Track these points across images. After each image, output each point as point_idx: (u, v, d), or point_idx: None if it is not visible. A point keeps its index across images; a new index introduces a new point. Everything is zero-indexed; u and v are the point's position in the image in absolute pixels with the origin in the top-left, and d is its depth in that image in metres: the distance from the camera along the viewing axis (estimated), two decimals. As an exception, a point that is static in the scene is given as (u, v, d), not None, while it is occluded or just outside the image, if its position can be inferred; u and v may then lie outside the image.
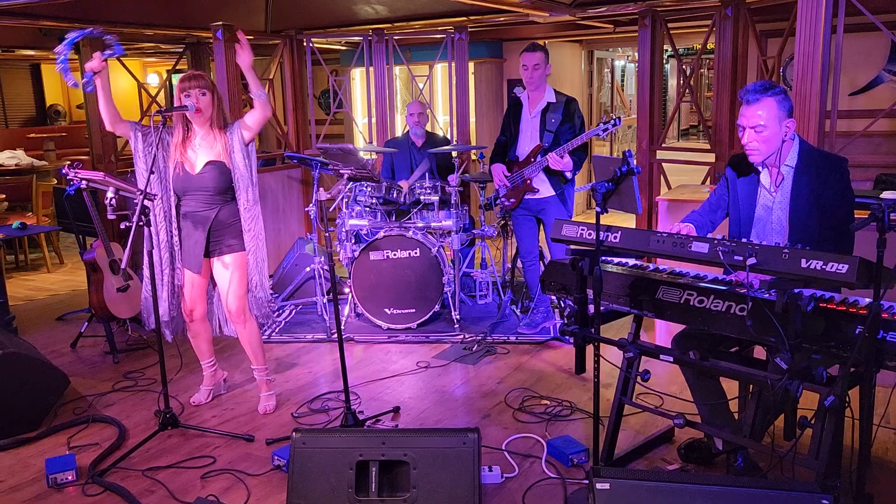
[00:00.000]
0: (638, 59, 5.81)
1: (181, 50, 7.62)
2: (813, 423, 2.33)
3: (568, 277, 2.89)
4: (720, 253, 2.37)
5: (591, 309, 2.77)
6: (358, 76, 8.72)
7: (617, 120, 4.18)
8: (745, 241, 2.38)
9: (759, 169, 2.79)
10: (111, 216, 3.17)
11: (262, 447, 3.35)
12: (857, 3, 3.71)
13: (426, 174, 5.06)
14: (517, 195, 4.57)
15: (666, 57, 10.91)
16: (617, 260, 2.95)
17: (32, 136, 10.21)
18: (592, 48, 9.20)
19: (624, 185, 2.78)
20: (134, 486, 3.03)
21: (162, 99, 9.96)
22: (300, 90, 6.76)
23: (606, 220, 2.66)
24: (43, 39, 7.20)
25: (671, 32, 5.74)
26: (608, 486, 2.20)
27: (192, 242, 3.55)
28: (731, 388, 2.98)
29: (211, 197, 3.49)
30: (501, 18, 6.24)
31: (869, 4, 3.73)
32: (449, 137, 6.37)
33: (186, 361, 4.30)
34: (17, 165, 8.55)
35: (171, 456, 3.30)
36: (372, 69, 6.57)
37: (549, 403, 3.75)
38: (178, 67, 7.86)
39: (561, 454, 3.13)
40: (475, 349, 4.54)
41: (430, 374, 4.22)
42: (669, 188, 5.67)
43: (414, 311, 4.87)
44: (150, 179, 3.32)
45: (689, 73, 6.00)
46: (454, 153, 5.49)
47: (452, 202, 4.88)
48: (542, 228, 4.71)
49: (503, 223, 5.26)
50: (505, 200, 4.64)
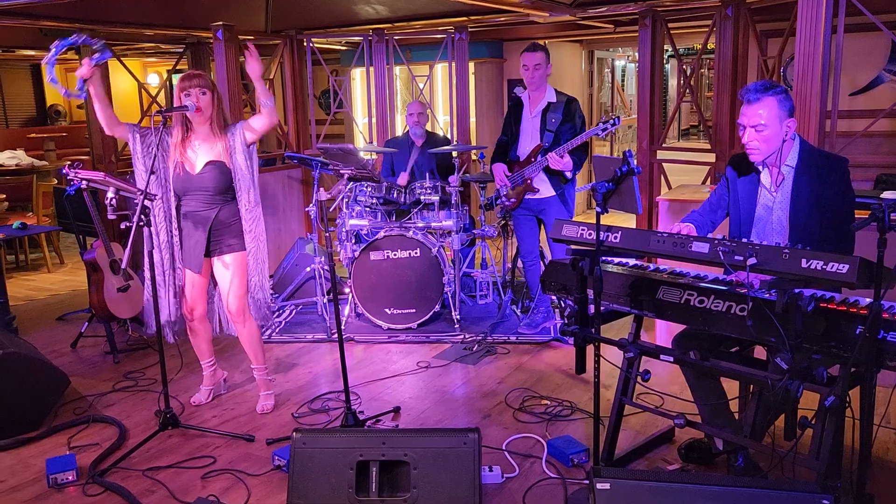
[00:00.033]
0: (638, 59, 5.81)
1: (181, 50, 7.62)
2: (813, 423, 2.33)
3: (568, 277, 2.89)
4: (720, 253, 2.37)
5: (591, 309, 2.77)
6: (358, 76, 8.73)
7: (616, 119, 4.18)
8: (745, 241, 2.38)
9: (759, 169, 2.79)
10: (111, 216, 3.17)
11: (262, 447, 3.36)
12: (857, 3, 3.71)
13: (427, 174, 5.06)
14: (518, 195, 4.57)
15: (666, 57, 10.89)
16: (617, 260, 2.95)
17: (33, 136, 10.21)
18: (593, 48, 9.20)
19: (624, 185, 2.78)
20: (134, 486, 3.03)
21: (162, 99, 9.95)
22: (300, 90, 6.76)
23: (607, 220, 2.66)
24: (43, 39, 7.20)
25: (671, 32, 5.74)
26: (608, 486, 2.20)
27: (192, 242, 3.55)
28: (731, 388, 2.98)
29: (211, 197, 3.50)
30: (502, 18, 6.24)
31: (869, 4, 3.73)
32: (449, 137, 6.36)
33: (187, 361, 4.30)
34: (17, 165, 8.55)
35: (171, 456, 3.30)
36: (372, 69, 6.56)
37: (549, 403, 3.75)
38: (178, 67, 7.86)
39: (561, 454, 3.13)
40: (475, 349, 4.54)
41: (430, 374, 4.22)
42: (670, 188, 5.67)
43: (414, 311, 4.87)
44: (150, 180, 3.33)
45: (689, 73, 6.00)
46: (454, 153, 5.49)
47: (453, 202, 4.88)
48: (542, 228, 4.71)
49: (503, 223, 5.25)
50: (506, 200, 4.64)
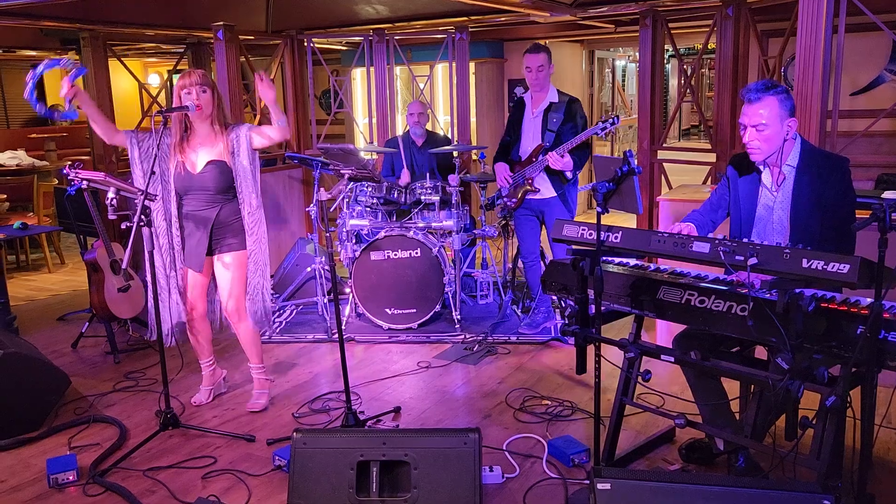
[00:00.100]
0: (639, 58, 5.81)
1: (182, 50, 7.63)
2: (814, 423, 2.33)
3: (569, 277, 2.89)
4: (721, 253, 2.36)
5: (592, 309, 2.77)
6: (359, 76, 8.73)
7: (616, 119, 4.18)
8: (746, 241, 2.38)
9: (760, 168, 2.79)
10: (112, 216, 3.17)
11: (262, 447, 3.35)
12: (858, 2, 3.70)
13: (427, 174, 5.06)
14: (519, 195, 4.56)
15: (667, 57, 10.90)
16: (618, 260, 2.95)
17: (33, 136, 10.21)
18: (593, 48, 9.20)
19: (625, 184, 2.78)
20: (135, 486, 3.03)
21: (163, 99, 9.95)
22: (301, 90, 6.76)
23: (607, 220, 2.66)
24: (44, 40, 7.22)
25: (672, 32, 5.73)
26: (609, 486, 2.20)
27: (194, 242, 3.55)
28: (732, 388, 2.97)
29: (212, 196, 3.50)
30: (502, 18, 6.24)
31: (870, 4, 3.72)
32: (450, 137, 6.36)
33: (187, 361, 4.30)
34: (18, 166, 8.55)
35: (171, 456, 3.30)
36: (373, 69, 6.56)
37: (549, 403, 3.75)
38: (178, 67, 7.87)
39: (562, 454, 3.13)
40: (476, 349, 4.54)
41: (430, 374, 4.22)
42: (670, 188, 5.67)
43: (415, 311, 4.87)
44: (150, 180, 3.32)
45: (690, 72, 6.00)
46: (455, 153, 5.49)
47: (453, 202, 4.88)
48: (543, 229, 4.70)
49: (504, 223, 5.25)
50: (507, 200, 4.64)
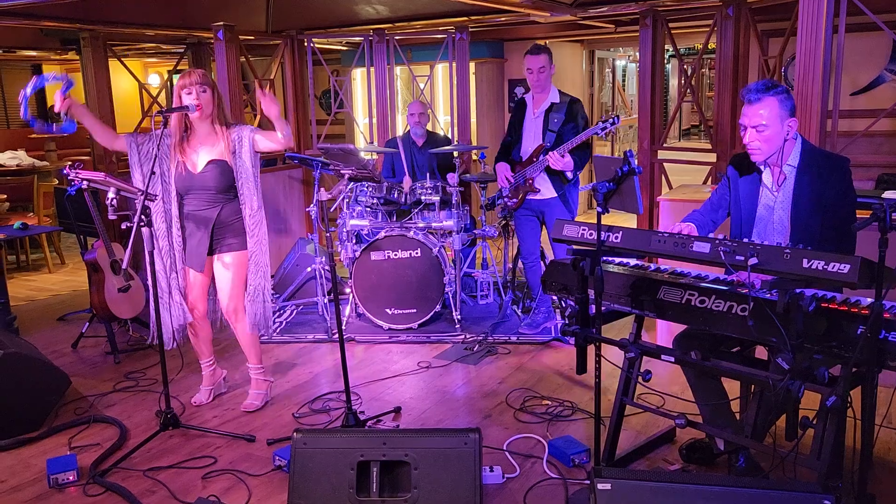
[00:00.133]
0: (639, 58, 5.80)
1: (182, 50, 7.63)
2: (815, 423, 2.32)
3: (569, 277, 2.89)
4: (721, 253, 2.36)
5: (592, 309, 2.77)
6: (359, 76, 8.73)
7: (616, 119, 4.18)
8: (746, 241, 2.38)
9: (761, 168, 2.79)
10: (112, 216, 3.17)
11: (263, 447, 3.35)
12: (858, 2, 3.70)
13: (427, 174, 5.06)
14: (519, 195, 4.56)
15: (667, 57, 10.89)
16: (618, 260, 2.95)
17: (34, 136, 10.20)
18: (593, 48, 9.20)
19: (625, 184, 2.78)
20: (135, 486, 3.03)
21: (163, 99, 9.95)
22: (301, 90, 6.76)
23: (607, 220, 2.66)
24: (44, 40, 7.22)
25: (672, 32, 5.73)
26: (609, 486, 2.20)
27: (195, 242, 3.55)
28: (732, 388, 2.97)
29: (213, 196, 3.50)
30: (502, 18, 6.23)
31: (870, 4, 3.72)
32: (450, 137, 6.36)
33: (187, 362, 4.29)
34: (18, 166, 8.55)
35: (172, 456, 3.30)
36: (373, 69, 6.56)
37: (550, 404, 3.75)
38: (179, 68, 7.87)
39: (562, 454, 3.13)
40: (476, 349, 4.54)
41: (431, 374, 4.22)
42: (671, 188, 5.66)
43: (415, 311, 4.87)
44: (150, 180, 3.32)
45: (690, 72, 5.99)
46: (455, 153, 5.49)
47: (453, 202, 4.88)
48: (544, 229, 4.70)
49: (504, 223, 5.25)
50: (507, 200, 4.64)
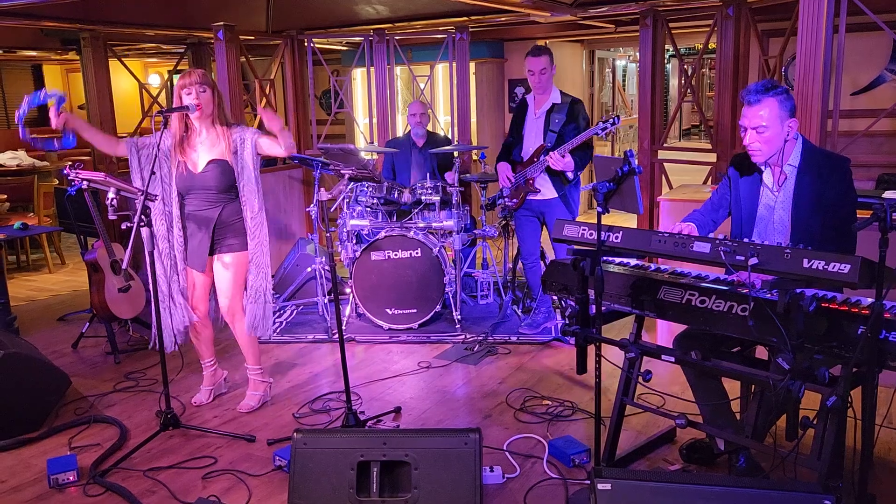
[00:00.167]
0: (639, 58, 5.80)
1: (182, 50, 7.63)
2: (815, 423, 2.32)
3: (569, 277, 2.89)
4: (722, 253, 2.36)
5: (592, 309, 2.76)
6: (359, 76, 8.73)
7: (616, 119, 4.17)
8: (746, 241, 2.37)
9: (761, 168, 2.79)
10: (112, 217, 3.17)
11: (263, 447, 3.35)
12: (858, 2, 3.70)
13: (427, 174, 5.06)
14: (520, 195, 4.56)
15: (667, 57, 10.89)
16: (618, 260, 2.94)
17: (34, 136, 10.20)
18: (594, 48, 9.20)
19: (625, 184, 2.77)
20: (135, 486, 3.03)
21: (163, 99, 9.95)
22: (301, 90, 6.76)
23: (608, 220, 2.66)
24: (44, 40, 7.22)
25: (672, 32, 5.73)
26: (610, 486, 2.20)
27: (196, 242, 3.55)
28: (732, 388, 2.97)
29: (214, 196, 3.50)
30: (502, 18, 6.23)
31: (871, 4, 3.72)
32: (450, 137, 6.36)
33: (187, 362, 4.30)
34: (18, 166, 8.55)
35: (172, 456, 3.30)
36: (373, 69, 6.56)
37: (550, 404, 3.75)
38: (179, 68, 7.87)
39: (562, 454, 3.13)
40: (476, 349, 4.54)
41: (431, 374, 4.22)
42: (671, 188, 5.66)
43: (415, 311, 4.87)
44: (150, 180, 3.32)
45: (690, 72, 5.99)
46: (455, 153, 5.49)
47: (454, 202, 4.88)
48: (545, 229, 4.70)
49: (504, 223, 5.25)
50: (508, 200, 4.64)
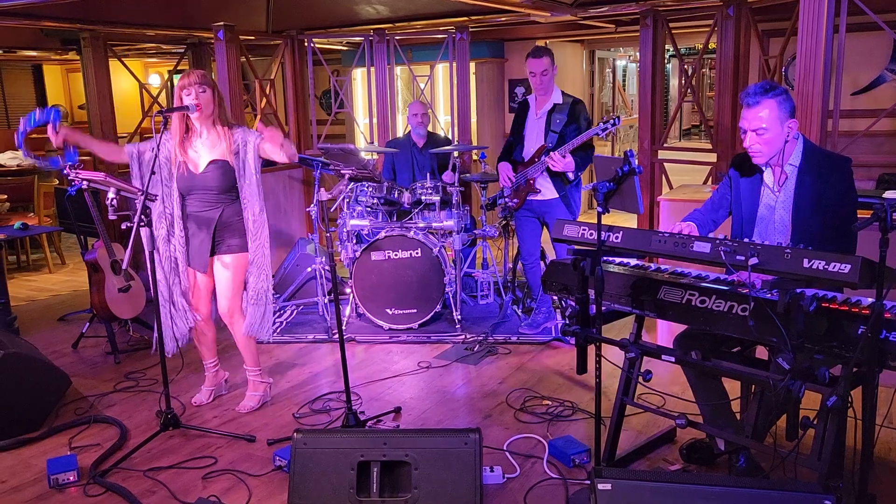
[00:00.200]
0: (639, 58, 5.80)
1: (182, 50, 7.63)
2: (815, 423, 2.32)
3: (569, 277, 2.89)
4: (722, 253, 2.36)
5: (592, 309, 2.76)
6: (359, 76, 8.73)
7: (616, 119, 4.17)
8: (747, 240, 2.37)
9: (762, 168, 2.78)
10: (112, 217, 3.17)
11: (263, 447, 3.35)
12: (859, 2, 3.70)
13: (428, 175, 5.06)
14: (520, 195, 4.56)
15: (667, 57, 10.89)
16: (618, 260, 2.94)
17: (34, 136, 10.18)
18: (594, 48, 9.20)
19: (625, 184, 2.77)
20: (135, 486, 3.03)
21: (163, 99, 9.95)
22: (301, 90, 6.76)
23: (608, 219, 2.66)
24: (44, 40, 7.21)
25: (673, 32, 5.73)
26: (610, 486, 2.20)
27: (197, 243, 3.55)
28: (732, 388, 2.97)
29: (215, 196, 3.49)
30: (503, 18, 6.23)
31: (871, 4, 3.72)
32: (450, 138, 6.36)
33: (188, 362, 4.30)
34: (18, 166, 8.55)
35: (172, 456, 3.30)
36: (373, 69, 6.56)
37: (550, 404, 3.74)
38: (179, 68, 7.87)
39: (562, 454, 3.13)
40: (476, 349, 4.53)
41: (431, 374, 4.22)
42: (671, 188, 5.66)
43: (415, 311, 4.87)
44: (150, 180, 3.32)
45: (690, 72, 5.99)
46: (455, 153, 5.48)
47: (454, 202, 4.88)
48: (545, 230, 4.69)
49: (504, 223, 5.25)
50: (508, 200, 4.64)
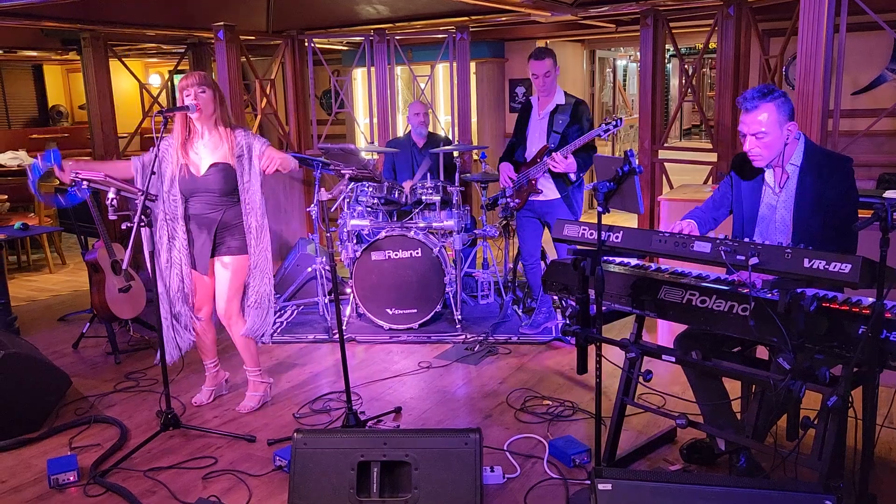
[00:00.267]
0: (640, 58, 5.80)
1: (183, 50, 7.63)
2: (816, 423, 2.32)
3: (570, 277, 2.89)
4: (722, 253, 2.35)
5: (592, 309, 2.76)
6: (359, 76, 8.73)
7: (619, 121, 4.17)
8: (747, 240, 2.37)
9: (763, 168, 2.78)
10: (112, 217, 3.17)
11: (263, 448, 3.35)
12: (859, 1, 3.70)
13: (428, 174, 5.06)
14: (522, 196, 4.56)
15: (668, 56, 10.90)
16: (619, 260, 2.94)
17: (35, 136, 10.20)
18: (594, 48, 9.19)
19: (626, 184, 2.77)
20: (135, 486, 3.03)
21: (163, 99, 9.96)
22: (302, 90, 6.76)
23: (608, 219, 2.65)
24: (45, 40, 7.22)
25: (673, 32, 5.73)
26: (610, 486, 2.20)
27: (199, 244, 3.55)
28: (733, 388, 2.97)
29: (217, 199, 3.49)
30: (503, 18, 6.23)
31: (872, 3, 3.71)
32: (450, 138, 6.36)
33: (188, 362, 4.29)
34: (19, 166, 8.54)
35: (172, 456, 3.30)
36: (373, 69, 6.56)
37: (550, 404, 3.74)
38: (179, 68, 7.87)
39: (563, 454, 3.13)
40: (477, 349, 4.53)
41: (431, 374, 4.22)
42: (671, 188, 5.66)
43: (415, 311, 4.87)
44: (150, 180, 3.32)
45: (691, 72, 5.99)
46: (455, 153, 5.49)
47: (454, 202, 4.88)
48: (546, 230, 4.69)
49: (505, 223, 5.25)
50: (510, 200, 4.63)
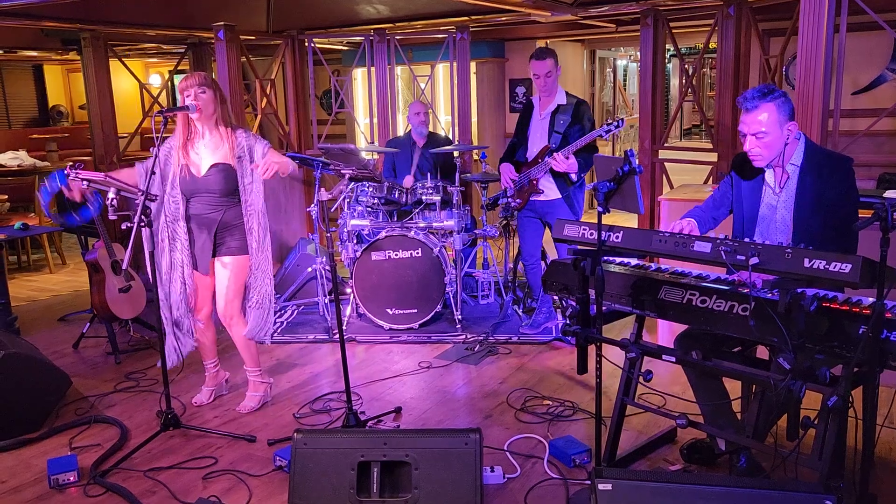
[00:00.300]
0: (640, 58, 5.80)
1: (183, 50, 7.63)
2: (816, 423, 2.32)
3: (570, 277, 2.89)
4: (723, 253, 2.35)
5: (593, 309, 2.76)
6: (360, 76, 8.73)
7: (620, 122, 4.17)
8: (747, 240, 2.37)
9: (764, 168, 2.78)
10: (112, 217, 3.17)
11: (263, 448, 3.35)
12: (859, 1, 3.70)
13: (428, 174, 5.06)
14: (523, 196, 4.56)
15: (668, 56, 10.89)
16: (619, 260, 2.94)
17: (35, 136, 10.21)
18: (594, 48, 9.19)
19: (626, 184, 2.76)
20: (136, 486, 3.03)
21: (163, 99, 9.96)
22: (302, 90, 6.76)
23: (608, 219, 2.65)
24: (45, 40, 7.22)
25: (673, 32, 5.73)
26: (610, 486, 2.20)
27: (199, 244, 3.55)
28: (733, 388, 2.97)
29: (217, 199, 3.49)
30: (503, 18, 6.23)
31: (872, 3, 3.71)
32: (450, 137, 6.36)
33: (188, 362, 4.27)
34: (19, 166, 8.55)
35: (172, 456, 3.30)
36: (373, 69, 6.56)
37: (551, 404, 3.74)
38: (180, 68, 7.86)
39: (563, 455, 3.13)
40: (477, 349, 4.53)
41: (431, 374, 4.22)
42: (672, 188, 5.66)
43: (416, 311, 4.87)
44: (150, 180, 3.32)
45: (691, 72, 5.99)
46: (456, 153, 5.49)
47: (454, 202, 4.88)
48: (547, 230, 4.69)
49: (505, 223, 5.25)
50: (511, 200, 4.63)
